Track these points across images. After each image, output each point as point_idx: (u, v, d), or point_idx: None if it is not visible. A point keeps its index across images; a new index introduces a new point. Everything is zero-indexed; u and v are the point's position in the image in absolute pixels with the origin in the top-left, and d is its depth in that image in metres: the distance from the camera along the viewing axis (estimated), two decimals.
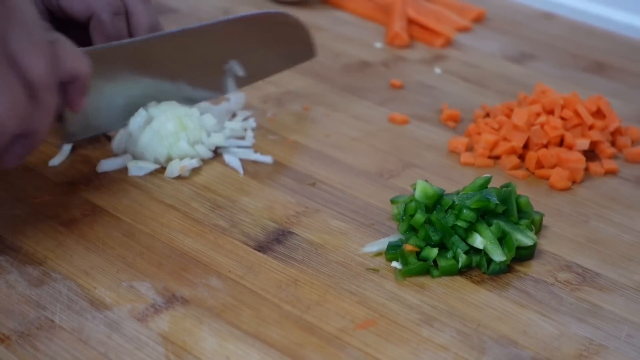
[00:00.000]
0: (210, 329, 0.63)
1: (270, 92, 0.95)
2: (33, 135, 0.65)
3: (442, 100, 0.97)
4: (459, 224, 0.69)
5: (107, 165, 0.80)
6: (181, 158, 0.80)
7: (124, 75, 0.80)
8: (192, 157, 0.81)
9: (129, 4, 0.81)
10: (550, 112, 0.87)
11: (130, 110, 0.81)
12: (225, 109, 0.88)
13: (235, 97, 0.89)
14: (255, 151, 0.84)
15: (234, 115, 0.89)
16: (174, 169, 0.79)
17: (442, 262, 0.69)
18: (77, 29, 0.80)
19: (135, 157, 0.81)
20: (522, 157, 0.85)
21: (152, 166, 0.80)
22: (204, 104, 0.86)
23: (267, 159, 0.83)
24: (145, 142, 0.80)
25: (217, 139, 0.82)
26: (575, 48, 1.14)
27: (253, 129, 0.88)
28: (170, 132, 0.80)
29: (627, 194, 0.82)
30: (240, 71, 0.86)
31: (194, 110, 0.82)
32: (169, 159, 0.80)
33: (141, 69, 0.81)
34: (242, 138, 0.86)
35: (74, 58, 0.67)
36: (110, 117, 0.80)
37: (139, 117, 0.81)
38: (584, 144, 0.85)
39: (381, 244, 0.72)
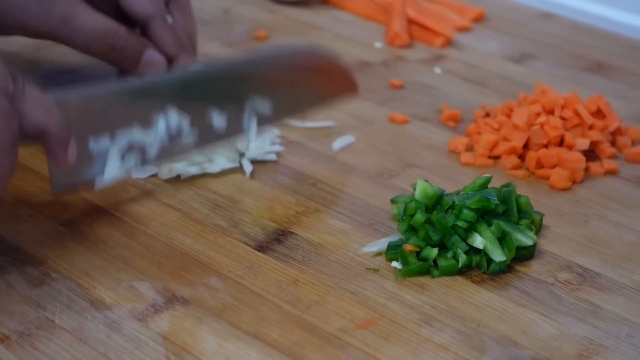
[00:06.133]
0: (210, 329, 0.63)
1: None
2: None
3: (442, 100, 0.97)
4: (459, 224, 0.69)
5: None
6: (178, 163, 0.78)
7: (122, 120, 0.70)
8: (192, 164, 0.79)
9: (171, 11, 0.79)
10: (550, 112, 0.87)
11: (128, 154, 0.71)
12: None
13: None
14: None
15: None
16: (163, 171, 0.78)
17: (442, 262, 0.69)
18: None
19: None
20: (522, 157, 0.85)
21: (156, 169, 0.79)
22: None
23: (272, 156, 0.82)
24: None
25: (255, 153, 0.81)
26: (575, 48, 1.14)
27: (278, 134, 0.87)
28: None
29: (627, 194, 0.82)
30: (265, 109, 0.77)
31: None
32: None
33: (142, 112, 0.71)
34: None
35: (40, 112, 0.61)
36: (105, 165, 0.70)
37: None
38: (584, 144, 0.85)
39: (381, 244, 0.72)
